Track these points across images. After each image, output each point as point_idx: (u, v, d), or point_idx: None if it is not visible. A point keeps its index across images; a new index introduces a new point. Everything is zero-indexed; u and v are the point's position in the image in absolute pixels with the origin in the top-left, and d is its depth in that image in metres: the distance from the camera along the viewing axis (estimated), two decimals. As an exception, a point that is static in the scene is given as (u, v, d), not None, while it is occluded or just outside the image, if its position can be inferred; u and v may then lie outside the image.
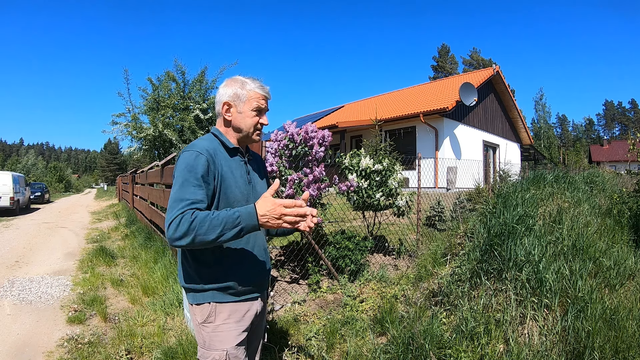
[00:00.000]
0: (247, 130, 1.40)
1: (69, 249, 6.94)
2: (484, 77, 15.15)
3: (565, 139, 69.41)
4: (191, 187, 1.22)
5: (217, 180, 1.30)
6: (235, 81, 1.41)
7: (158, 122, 11.98)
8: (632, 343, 1.93)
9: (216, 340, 1.32)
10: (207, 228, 1.12)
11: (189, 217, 1.14)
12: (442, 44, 56.97)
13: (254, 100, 1.39)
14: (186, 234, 1.12)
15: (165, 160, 5.82)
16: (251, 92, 1.39)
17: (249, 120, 1.39)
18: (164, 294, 3.76)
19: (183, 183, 1.23)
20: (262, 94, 1.40)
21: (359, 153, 4.65)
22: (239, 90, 1.39)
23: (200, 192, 1.23)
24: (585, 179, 5.30)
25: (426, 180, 12.18)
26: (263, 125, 1.43)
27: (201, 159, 1.26)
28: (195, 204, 1.19)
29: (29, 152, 69.32)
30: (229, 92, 1.39)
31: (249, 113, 1.39)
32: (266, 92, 1.42)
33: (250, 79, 1.42)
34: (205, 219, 1.13)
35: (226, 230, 1.13)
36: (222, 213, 1.16)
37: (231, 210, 1.17)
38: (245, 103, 1.39)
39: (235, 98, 1.39)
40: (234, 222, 1.14)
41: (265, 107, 1.43)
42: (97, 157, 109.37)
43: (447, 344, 2.22)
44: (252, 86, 1.39)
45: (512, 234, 2.76)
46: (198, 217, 1.14)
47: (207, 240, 1.13)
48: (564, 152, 45.96)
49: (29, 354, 2.81)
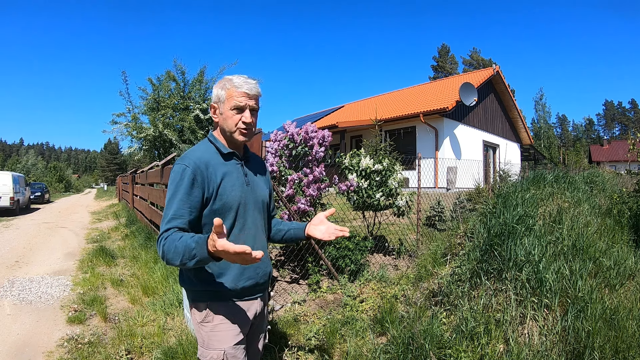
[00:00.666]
0: (230, 130, 1.36)
1: (69, 249, 6.94)
2: (484, 77, 15.15)
3: (565, 139, 69.40)
4: (175, 201, 1.27)
5: (208, 189, 1.30)
6: (221, 81, 1.39)
7: (158, 122, 11.98)
8: (632, 343, 1.94)
9: (214, 340, 1.32)
10: (172, 254, 1.17)
11: (163, 240, 1.20)
12: (442, 44, 57.02)
13: (233, 99, 1.33)
14: (163, 258, 1.20)
15: (165, 160, 5.82)
16: (230, 90, 1.33)
17: (229, 120, 1.35)
18: (164, 294, 3.76)
19: (170, 198, 1.29)
20: (240, 92, 1.32)
21: (359, 153, 4.65)
22: (220, 91, 1.36)
23: (183, 206, 1.26)
24: (585, 179, 5.30)
25: (426, 180, 12.18)
26: (246, 124, 1.35)
27: (187, 172, 1.28)
28: (174, 220, 1.24)
29: (29, 152, 69.36)
30: (214, 93, 1.38)
31: (229, 113, 1.34)
32: (248, 88, 1.33)
33: (236, 76, 1.36)
34: (170, 246, 1.17)
35: (186, 259, 1.14)
36: (184, 242, 1.14)
37: (192, 239, 1.14)
38: (225, 103, 1.35)
39: (217, 100, 1.37)
40: (191, 253, 1.13)
41: (246, 105, 1.34)
42: (97, 157, 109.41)
43: (447, 344, 2.22)
44: (232, 84, 1.33)
45: (512, 234, 2.76)
46: (167, 242, 1.19)
47: (176, 265, 1.18)
48: (564, 152, 45.95)
49: (29, 354, 2.81)
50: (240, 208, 1.36)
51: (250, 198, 1.40)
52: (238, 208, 1.35)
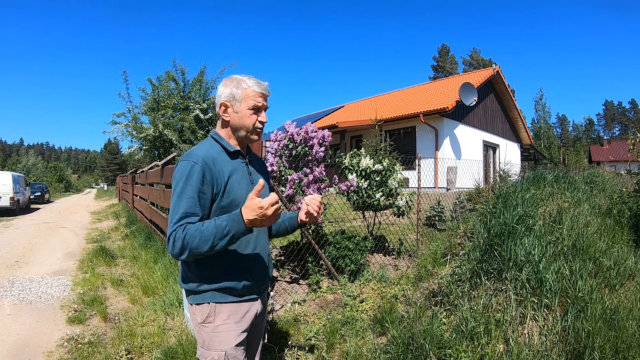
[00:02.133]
0: (246, 130, 1.38)
1: (69, 249, 6.94)
2: (484, 77, 15.15)
3: (565, 139, 69.37)
4: (185, 199, 1.25)
5: (216, 186, 1.30)
6: (231, 80, 1.39)
7: (158, 122, 12.00)
8: (632, 343, 1.93)
9: (215, 341, 1.32)
10: (198, 242, 1.17)
11: (181, 234, 1.19)
12: (442, 44, 56.99)
13: (251, 99, 1.35)
14: (182, 251, 1.18)
15: (165, 160, 5.82)
16: (247, 90, 1.35)
17: (246, 120, 1.36)
18: (164, 294, 3.76)
19: (180, 194, 1.26)
20: (258, 92, 1.36)
21: (359, 153, 4.65)
22: (234, 90, 1.36)
23: (194, 203, 1.25)
24: (585, 179, 5.30)
25: (426, 180, 12.18)
26: (262, 124, 1.39)
27: (196, 169, 1.27)
28: (187, 217, 1.23)
29: (29, 152, 69.40)
30: (225, 92, 1.37)
31: (246, 112, 1.35)
32: (263, 88, 1.37)
33: (247, 77, 1.38)
34: (195, 234, 1.17)
35: (217, 240, 1.17)
36: (210, 225, 1.18)
37: (219, 219, 1.19)
38: (242, 102, 1.35)
39: (231, 98, 1.36)
40: (223, 232, 1.17)
41: (264, 105, 1.38)
42: (97, 157, 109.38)
43: (447, 344, 2.22)
44: (248, 84, 1.35)
45: (512, 234, 2.76)
46: (188, 233, 1.18)
47: (203, 252, 1.18)
48: (564, 152, 45.94)
49: (29, 354, 2.81)
50: None
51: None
52: None
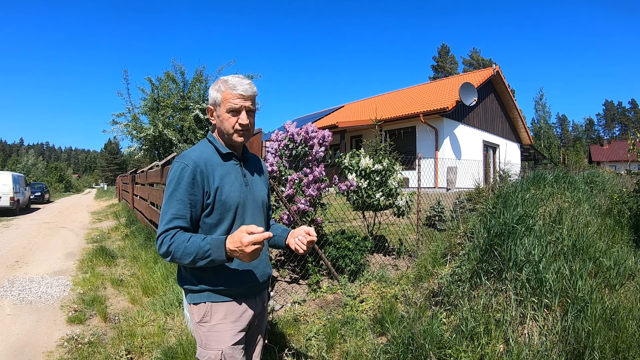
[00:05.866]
0: (227, 132, 1.36)
1: (69, 249, 6.94)
2: (484, 77, 15.14)
3: (565, 139, 69.39)
4: (175, 200, 1.28)
5: (207, 188, 1.31)
6: (216, 84, 1.38)
7: (158, 122, 11.99)
8: (632, 343, 1.94)
9: (212, 340, 1.33)
10: (181, 254, 1.21)
11: (169, 240, 1.23)
12: (442, 44, 56.97)
13: (228, 102, 1.33)
14: (167, 255, 1.23)
15: (165, 160, 5.82)
16: (225, 93, 1.33)
17: (225, 123, 1.35)
18: (164, 294, 3.76)
19: (170, 196, 1.29)
20: (235, 93, 1.32)
21: (358, 153, 4.65)
22: (216, 94, 1.36)
23: (183, 205, 1.28)
24: (585, 179, 5.30)
25: (426, 180, 12.17)
26: (242, 125, 1.35)
27: (187, 171, 1.28)
28: (175, 220, 1.26)
29: (29, 152, 69.28)
30: (211, 96, 1.38)
31: (225, 115, 1.34)
32: (243, 90, 1.32)
33: (232, 77, 1.35)
34: (180, 246, 1.21)
35: (198, 259, 1.20)
36: (195, 242, 1.21)
37: (205, 240, 1.21)
38: (221, 106, 1.35)
39: (214, 102, 1.38)
40: (205, 254, 1.20)
41: (243, 106, 1.34)
42: (97, 157, 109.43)
43: (447, 344, 2.22)
44: (227, 86, 1.33)
45: (512, 234, 2.76)
46: (174, 243, 1.22)
47: (185, 264, 1.23)
48: (564, 152, 45.91)
49: (29, 354, 2.81)
50: (239, 208, 1.37)
51: (249, 198, 1.41)
52: (237, 208, 1.36)
